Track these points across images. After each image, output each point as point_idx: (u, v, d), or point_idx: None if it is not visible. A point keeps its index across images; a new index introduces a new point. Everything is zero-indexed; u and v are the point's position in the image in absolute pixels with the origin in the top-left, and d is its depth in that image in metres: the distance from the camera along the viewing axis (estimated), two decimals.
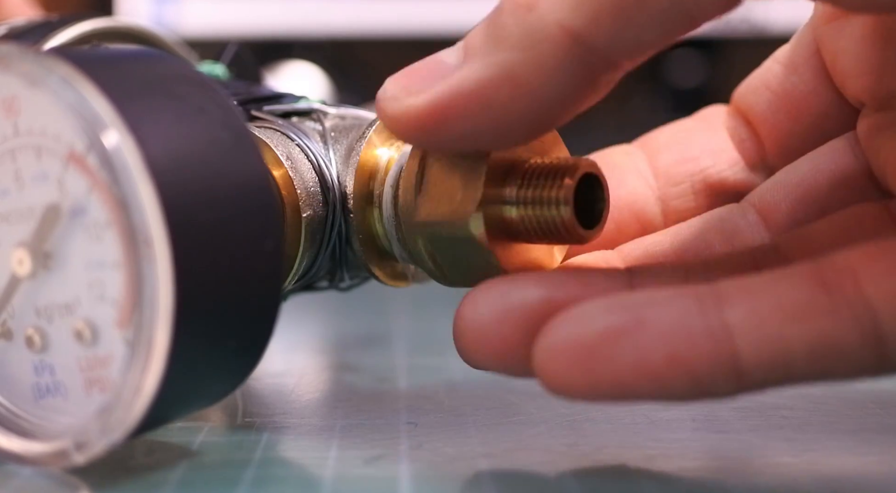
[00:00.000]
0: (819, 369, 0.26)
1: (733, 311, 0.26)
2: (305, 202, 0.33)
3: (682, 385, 0.26)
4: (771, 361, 0.26)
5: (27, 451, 0.29)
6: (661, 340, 0.26)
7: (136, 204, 0.25)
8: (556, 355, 0.27)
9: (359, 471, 0.29)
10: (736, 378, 0.26)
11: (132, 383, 0.26)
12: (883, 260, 0.26)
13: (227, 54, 0.41)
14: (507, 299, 0.29)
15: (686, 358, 0.26)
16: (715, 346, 0.26)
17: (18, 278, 0.29)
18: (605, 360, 0.26)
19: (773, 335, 0.26)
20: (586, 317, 0.27)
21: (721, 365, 0.26)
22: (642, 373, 0.26)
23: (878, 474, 0.29)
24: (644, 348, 0.26)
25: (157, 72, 0.28)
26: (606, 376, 0.26)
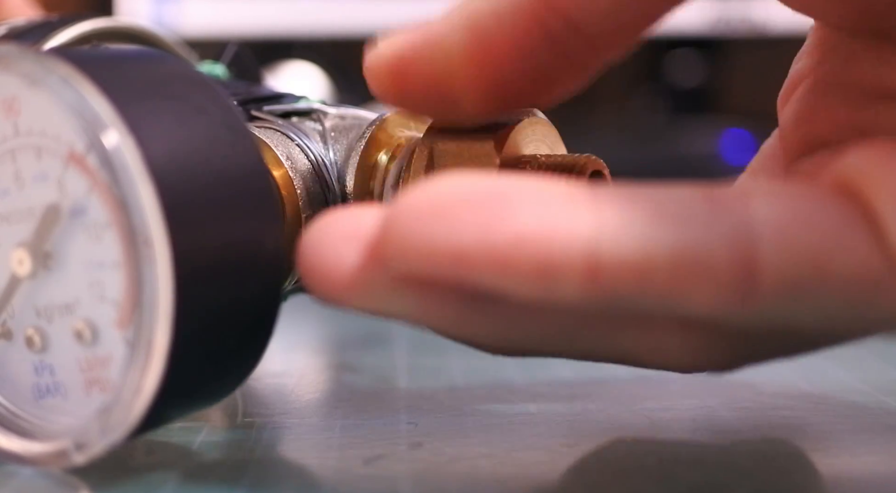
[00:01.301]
0: (680, 282, 0.23)
1: (604, 208, 0.23)
2: (305, 202, 0.33)
3: (525, 273, 0.23)
4: (632, 262, 0.23)
5: (27, 451, 0.29)
6: (520, 218, 0.23)
7: (135, 204, 0.25)
8: (406, 211, 0.24)
9: (359, 471, 0.29)
10: (588, 276, 0.23)
11: (132, 384, 0.26)
12: (784, 190, 0.25)
13: (227, 54, 0.41)
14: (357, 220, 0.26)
15: (539, 244, 0.23)
16: (572, 233, 0.23)
17: (18, 278, 0.29)
18: (453, 222, 0.23)
19: (638, 234, 0.23)
20: (447, 184, 0.24)
21: (574, 258, 0.23)
22: (487, 246, 0.23)
23: (878, 474, 0.29)
24: (496, 223, 0.23)
25: (158, 72, 0.28)
26: (448, 241, 0.23)
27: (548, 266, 0.23)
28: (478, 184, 0.24)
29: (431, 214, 0.23)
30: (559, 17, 0.27)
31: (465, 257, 0.23)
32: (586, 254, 0.23)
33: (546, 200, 0.23)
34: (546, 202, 0.23)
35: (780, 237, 0.24)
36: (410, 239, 0.24)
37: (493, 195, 0.23)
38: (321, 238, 0.25)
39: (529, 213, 0.23)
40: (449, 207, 0.23)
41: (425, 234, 0.23)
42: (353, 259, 0.25)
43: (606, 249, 0.23)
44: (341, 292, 0.25)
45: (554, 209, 0.23)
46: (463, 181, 0.24)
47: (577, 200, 0.23)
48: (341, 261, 0.25)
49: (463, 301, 0.25)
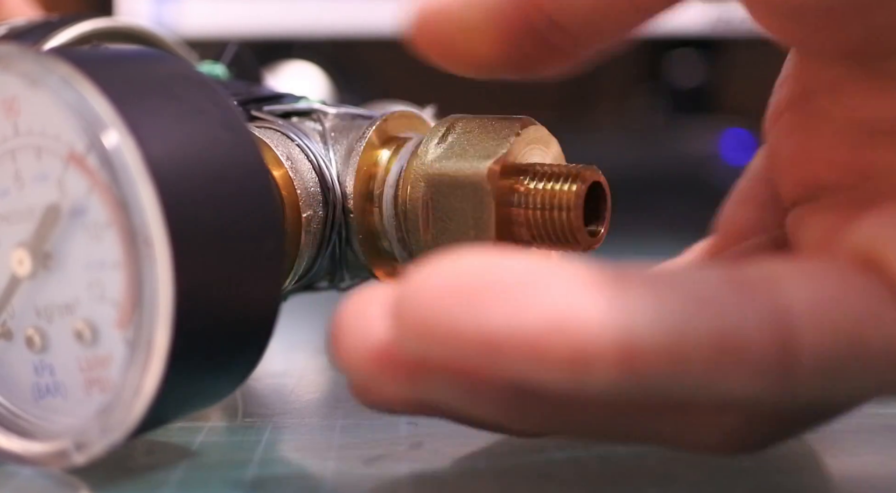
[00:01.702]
0: (717, 369, 0.23)
1: (635, 294, 0.23)
2: (305, 202, 0.33)
3: (557, 362, 0.22)
4: (669, 350, 0.22)
5: (27, 451, 0.29)
6: (547, 304, 0.22)
7: (136, 204, 0.25)
8: (425, 292, 0.23)
9: (359, 471, 0.29)
10: (623, 366, 0.22)
11: (132, 384, 0.26)
12: (812, 270, 0.25)
13: (227, 54, 0.41)
14: None
15: (571, 331, 0.22)
16: (608, 322, 0.22)
17: (18, 278, 0.29)
18: (480, 306, 0.22)
19: (674, 321, 0.23)
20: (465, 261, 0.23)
21: (608, 348, 0.22)
22: (518, 333, 0.22)
23: (878, 474, 0.29)
24: (525, 309, 0.22)
25: (158, 72, 0.28)
26: (476, 325, 0.22)
27: (580, 355, 0.22)
28: (502, 264, 0.23)
29: (456, 296, 0.22)
30: (543, 15, 0.27)
31: (493, 343, 0.22)
32: (620, 342, 0.22)
33: (573, 284, 0.23)
34: (573, 286, 0.23)
35: (815, 318, 0.23)
36: (432, 322, 0.22)
37: (520, 278, 0.23)
38: (353, 313, 0.25)
39: (558, 298, 0.22)
40: (474, 290, 0.22)
41: (450, 317, 0.22)
42: (381, 336, 0.24)
43: (641, 337, 0.22)
44: (369, 372, 0.24)
45: (582, 294, 0.22)
46: (485, 260, 0.23)
47: (605, 285, 0.23)
48: (369, 338, 0.24)
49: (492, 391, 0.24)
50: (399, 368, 0.24)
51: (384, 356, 0.24)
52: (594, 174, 0.31)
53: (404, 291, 0.23)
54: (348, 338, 0.24)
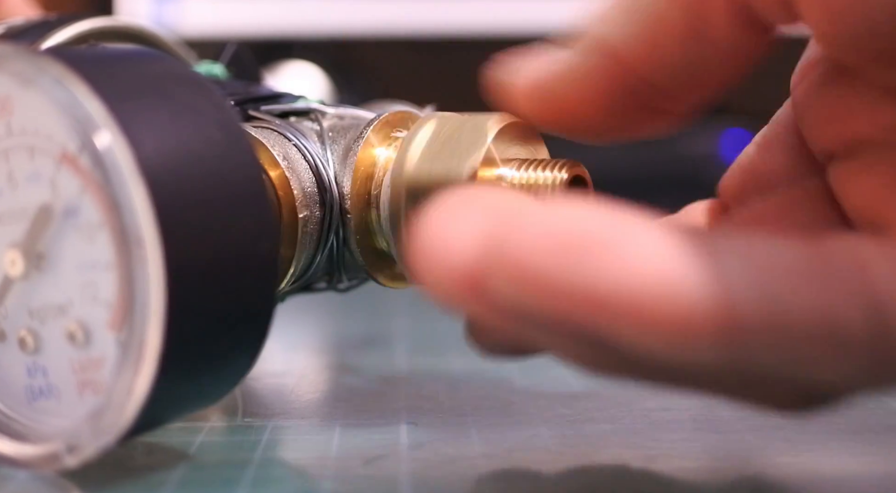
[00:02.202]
0: (817, 351, 0.23)
1: (733, 264, 0.22)
2: (302, 203, 0.33)
3: (664, 334, 0.22)
4: (771, 326, 0.22)
5: (19, 454, 0.28)
6: (657, 267, 0.21)
7: (127, 205, 0.25)
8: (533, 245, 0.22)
9: (359, 471, 0.29)
10: (728, 340, 0.22)
11: (123, 386, 0.26)
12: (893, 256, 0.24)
13: (226, 54, 0.41)
14: None
15: (680, 301, 0.21)
16: (712, 296, 0.22)
17: (11, 279, 0.28)
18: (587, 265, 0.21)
19: (776, 297, 0.22)
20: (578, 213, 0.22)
21: (716, 321, 0.22)
22: (623, 298, 0.21)
23: (878, 474, 0.29)
24: (634, 270, 0.21)
25: (151, 71, 0.28)
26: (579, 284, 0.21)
27: (682, 323, 0.22)
28: (606, 220, 0.22)
29: (559, 251, 0.21)
30: (640, 78, 0.28)
31: (593, 304, 0.21)
32: (723, 314, 0.22)
33: (677, 248, 0.22)
34: (678, 252, 0.22)
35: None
36: (532, 275, 0.22)
37: (625, 238, 0.22)
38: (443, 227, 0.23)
39: (664, 262, 0.21)
40: (579, 247, 0.21)
41: (552, 273, 0.21)
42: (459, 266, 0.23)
43: (743, 310, 0.22)
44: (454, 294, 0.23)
45: (686, 261, 0.22)
46: (588, 215, 0.22)
47: (705, 252, 0.22)
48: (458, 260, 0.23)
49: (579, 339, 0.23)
50: (480, 302, 0.23)
51: (472, 283, 0.23)
52: (576, 168, 0.31)
53: (503, 233, 0.22)
54: (435, 254, 0.23)
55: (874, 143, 0.28)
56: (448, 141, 0.32)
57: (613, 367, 0.25)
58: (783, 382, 0.25)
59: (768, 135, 0.33)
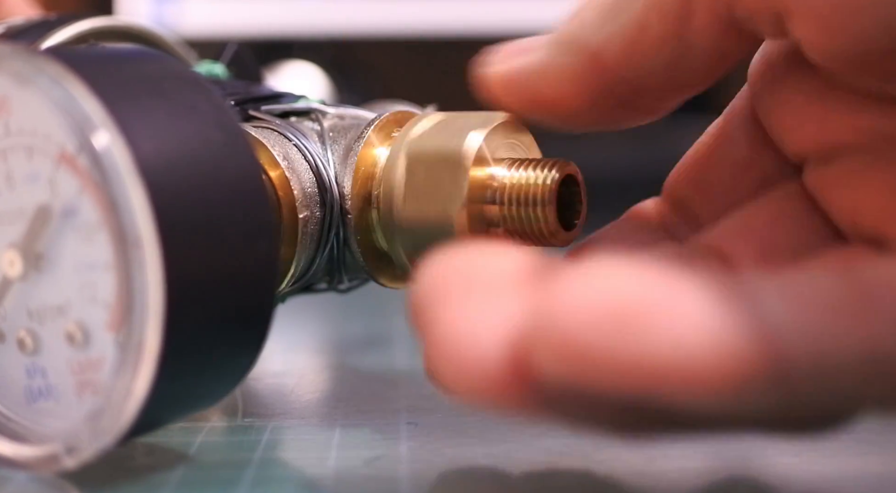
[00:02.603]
0: (866, 382, 0.23)
1: (773, 304, 0.22)
2: (302, 203, 0.33)
3: (721, 388, 0.21)
4: (819, 363, 0.22)
5: (18, 455, 0.28)
6: (706, 328, 0.21)
7: (126, 205, 0.25)
8: (578, 320, 0.21)
9: (359, 471, 0.29)
10: (781, 385, 0.22)
11: (122, 387, 0.26)
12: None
13: (226, 54, 0.41)
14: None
15: (733, 355, 0.21)
16: (762, 343, 0.21)
17: (9, 279, 0.28)
18: (637, 337, 0.21)
19: (820, 333, 0.22)
20: (617, 281, 0.21)
21: (768, 368, 0.21)
22: (678, 364, 0.21)
23: (878, 474, 0.29)
24: (686, 335, 0.21)
25: (150, 71, 0.28)
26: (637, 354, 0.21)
27: (738, 378, 0.21)
28: (657, 285, 0.21)
29: (613, 321, 0.21)
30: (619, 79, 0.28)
31: (653, 373, 0.21)
32: (770, 356, 0.21)
33: (717, 303, 0.21)
34: (714, 303, 0.21)
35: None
36: (585, 349, 0.21)
37: (674, 301, 0.21)
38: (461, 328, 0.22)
39: (710, 322, 0.21)
40: (632, 315, 0.21)
41: (607, 344, 0.21)
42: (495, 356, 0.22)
43: (789, 348, 0.22)
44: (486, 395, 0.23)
45: (724, 310, 0.21)
46: (637, 281, 0.21)
47: (739, 295, 0.22)
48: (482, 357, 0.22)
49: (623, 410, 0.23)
50: (520, 389, 0.22)
51: (513, 373, 0.22)
52: (568, 167, 0.31)
53: (549, 309, 0.21)
54: (459, 358, 0.22)
55: (856, 148, 0.28)
56: (448, 129, 0.32)
57: (650, 428, 0.24)
58: (822, 410, 0.25)
59: (726, 128, 0.32)
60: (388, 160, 0.33)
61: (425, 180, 0.32)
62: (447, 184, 0.31)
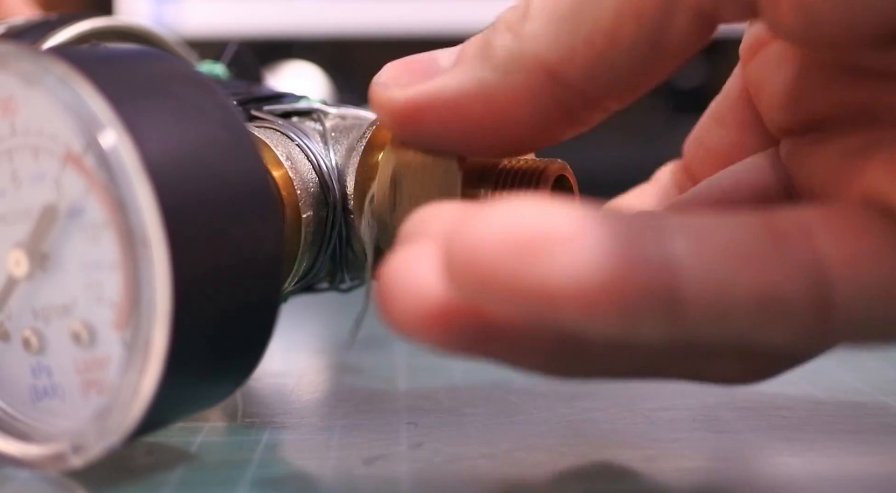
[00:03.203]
0: (759, 323, 0.24)
1: (678, 243, 0.23)
2: (305, 203, 0.33)
3: (609, 314, 0.23)
4: (713, 302, 0.23)
5: (24, 454, 0.28)
6: (600, 256, 0.22)
7: (133, 205, 0.25)
8: (486, 242, 0.23)
9: (359, 471, 0.29)
10: (671, 317, 0.23)
11: (130, 386, 0.26)
12: (843, 222, 0.25)
13: (227, 54, 0.41)
14: None
15: (621, 282, 0.23)
16: (654, 275, 0.23)
17: (15, 279, 0.28)
18: (536, 264, 0.22)
19: (719, 275, 0.23)
20: (525, 210, 0.23)
21: (657, 298, 0.23)
22: (572, 291, 0.22)
23: (878, 474, 0.29)
24: (578, 261, 0.22)
25: (156, 71, 0.28)
26: (532, 283, 0.22)
27: (631, 308, 0.23)
28: (551, 216, 0.23)
29: (513, 247, 0.23)
30: (576, 92, 0.27)
31: (549, 296, 0.22)
32: (668, 297, 0.23)
33: (620, 234, 0.23)
34: (620, 238, 0.23)
35: (850, 274, 0.24)
36: (489, 273, 0.23)
37: (569, 230, 0.23)
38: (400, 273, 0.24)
39: (607, 250, 0.23)
40: (533, 243, 0.22)
41: (508, 269, 0.23)
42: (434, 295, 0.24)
43: (687, 292, 0.23)
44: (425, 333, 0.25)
45: (630, 244, 0.23)
46: (534, 211, 0.23)
47: (648, 234, 0.23)
48: (421, 297, 0.24)
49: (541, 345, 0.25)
50: (454, 327, 0.24)
51: (440, 316, 0.24)
52: (560, 169, 0.31)
53: (460, 240, 0.23)
54: (399, 300, 0.24)
55: (829, 121, 0.28)
56: (419, 191, 0.32)
57: (570, 365, 0.26)
58: (730, 354, 0.26)
59: (721, 109, 0.33)
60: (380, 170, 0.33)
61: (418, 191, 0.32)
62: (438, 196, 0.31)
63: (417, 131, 0.29)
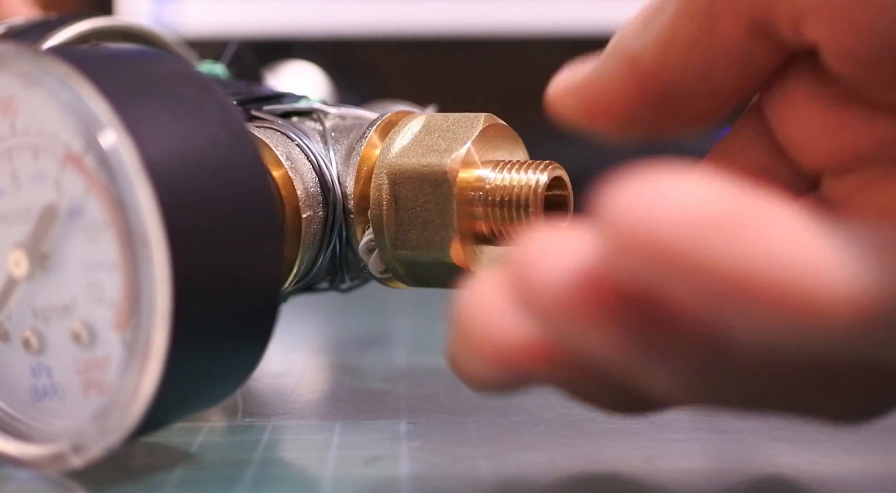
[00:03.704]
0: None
1: (873, 249, 0.21)
2: (305, 203, 0.33)
3: (796, 307, 0.20)
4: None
5: (24, 454, 0.28)
6: (791, 247, 0.20)
7: (133, 205, 0.25)
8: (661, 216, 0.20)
9: (359, 471, 0.29)
10: (867, 324, 0.21)
11: (130, 386, 0.26)
12: None
13: (227, 54, 0.41)
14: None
15: (821, 280, 0.20)
16: (855, 276, 0.21)
17: (15, 279, 0.28)
18: (728, 240, 0.20)
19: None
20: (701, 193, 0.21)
21: (858, 302, 0.21)
22: (765, 274, 0.20)
23: (878, 474, 0.29)
24: (767, 251, 0.20)
25: (156, 71, 0.28)
26: (726, 261, 0.20)
27: (821, 304, 0.20)
28: (738, 199, 0.21)
29: (699, 226, 0.20)
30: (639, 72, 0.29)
31: (737, 283, 0.20)
32: (860, 296, 0.21)
33: (813, 231, 0.21)
34: (814, 234, 0.21)
35: None
36: (673, 251, 0.20)
37: (758, 216, 0.20)
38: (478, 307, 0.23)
39: (802, 245, 0.20)
40: (726, 223, 0.20)
41: (695, 249, 0.20)
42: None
43: (880, 294, 0.21)
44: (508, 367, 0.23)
45: (822, 239, 0.21)
46: (718, 192, 0.21)
47: (836, 234, 0.21)
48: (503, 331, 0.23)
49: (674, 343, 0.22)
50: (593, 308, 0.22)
51: (577, 297, 0.21)
52: (555, 170, 0.32)
53: (622, 216, 0.20)
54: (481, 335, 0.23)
55: (874, 158, 0.28)
56: (433, 137, 0.33)
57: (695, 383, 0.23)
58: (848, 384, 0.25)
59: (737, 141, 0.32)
60: (374, 179, 0.33)
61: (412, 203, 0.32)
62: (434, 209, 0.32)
63: (566, 115, 0.30)
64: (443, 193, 0.32)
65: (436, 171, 0.32)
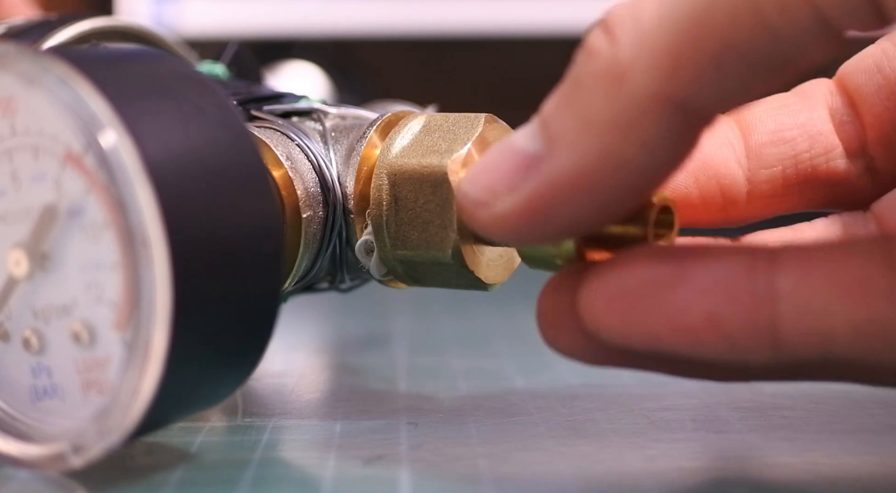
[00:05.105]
0: (860, 350, 0.25)
1: (784, 277, 0.25)
2: (305, 203, 0.33)
3: (717, 346, 0.25)
4: (809, 333, 0.25)
5: (24, 454, 0.28)
6: (701, 296, 0.25)
7: (133, 205, 0.25)
8: (597, 298, 0.26)
9: (359, 471, 0.29)
10: (771, 346, 0.25)
11: (130, 386, 0.26)
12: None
13: (227, 54, 0.41)
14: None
15: (723, 318, 0.25)
16: (754, 308, 0.25)
17: (15, 279, 0.28)
18: (642, 310, 0.26)
19: (817, 308, 0.25)
20: (630, 265, 0.26)
21: (757, 330, 0.25)
22: (677, 328, 0.26)
23: (878, 474, 0.29)
24: (682, 303, 0.25)
25: (156, 71, 0.28)
26: (642, 327, 0.26)
27: (736, 342, 0.25)
28: (655, 264, 0.26)
29: (624, 301, 0.26)
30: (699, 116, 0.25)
31: (657, 340, 0.26)
32: (770, 327, 0.25)
33: (725, 271, 0.26)
34: (725, 274, 0.26)
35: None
36: (607, 324, 0.26)
37: (671, 275, 0.26)
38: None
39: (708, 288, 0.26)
40: (634, 296, 0.26)
41: (620, 325, 0.26)
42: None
43: (789, 323, 0.25)
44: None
45: (733, 281, 0.25)
46: (641, 260, 0.26)
47: (757, 267, 0.25)
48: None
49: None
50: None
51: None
52: None
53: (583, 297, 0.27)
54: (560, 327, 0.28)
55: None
56: (432, 138, 0.33)
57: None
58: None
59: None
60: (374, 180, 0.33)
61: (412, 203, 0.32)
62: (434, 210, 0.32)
63: (545, 229, 0.26)
64: (443, 193, 0.32)
65: (436, 171, 0.32)
